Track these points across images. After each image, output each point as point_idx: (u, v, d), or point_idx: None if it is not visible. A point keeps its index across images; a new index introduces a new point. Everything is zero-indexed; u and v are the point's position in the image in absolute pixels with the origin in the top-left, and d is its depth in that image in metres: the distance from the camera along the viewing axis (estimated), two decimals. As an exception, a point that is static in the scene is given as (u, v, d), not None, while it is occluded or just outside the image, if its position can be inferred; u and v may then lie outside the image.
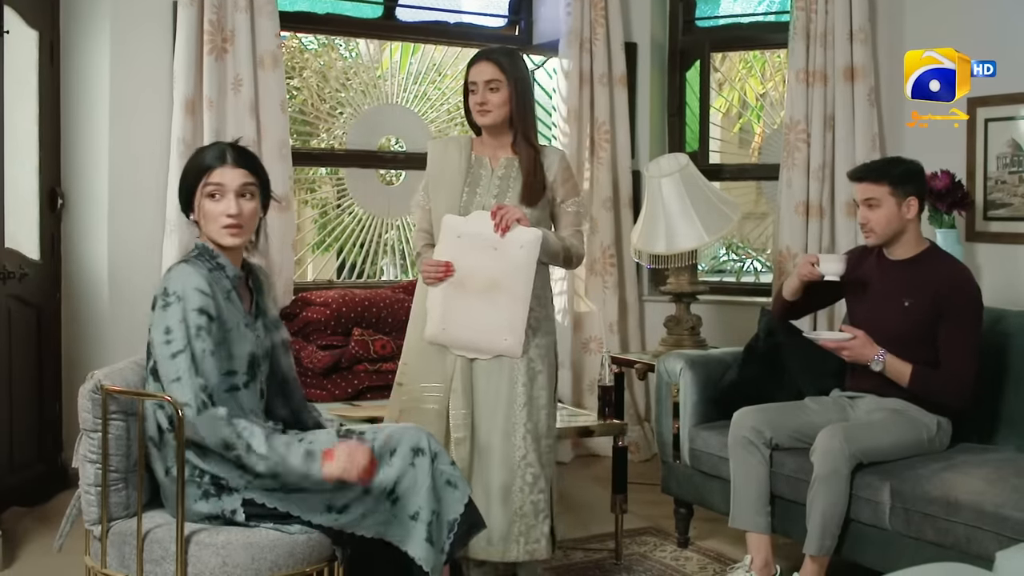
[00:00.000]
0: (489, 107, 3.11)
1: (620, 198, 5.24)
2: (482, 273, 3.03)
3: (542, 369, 3.12)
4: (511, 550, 3.04)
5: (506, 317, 3.03)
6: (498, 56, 3.15)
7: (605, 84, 5.18)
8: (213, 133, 4.38)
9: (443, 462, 2.53)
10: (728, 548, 3.77)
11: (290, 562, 2.41)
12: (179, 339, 2.36)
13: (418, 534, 2.45)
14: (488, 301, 3.03)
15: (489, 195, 3.14)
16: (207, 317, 2.39)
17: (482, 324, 3.04)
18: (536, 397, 3.10)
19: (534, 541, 3.06)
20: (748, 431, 3.31)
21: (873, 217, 3.33)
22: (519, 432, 3.06)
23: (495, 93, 3.10)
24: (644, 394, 5.29)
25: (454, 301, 3.06)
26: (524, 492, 3.05)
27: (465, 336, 3.08)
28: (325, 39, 5.80)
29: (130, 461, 2.49)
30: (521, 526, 3.04)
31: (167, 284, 2.43)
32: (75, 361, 4.40)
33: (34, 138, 4.29)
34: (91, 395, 2.44)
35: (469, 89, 3.16)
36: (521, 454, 3.05)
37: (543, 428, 3.11)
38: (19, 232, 4.15)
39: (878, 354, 3.27)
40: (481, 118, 3.14)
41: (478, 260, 3.02)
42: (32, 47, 4.29)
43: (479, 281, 3.03)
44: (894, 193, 3.30)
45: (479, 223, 3.04)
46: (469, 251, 3.04)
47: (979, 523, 2.81)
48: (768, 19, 5.58)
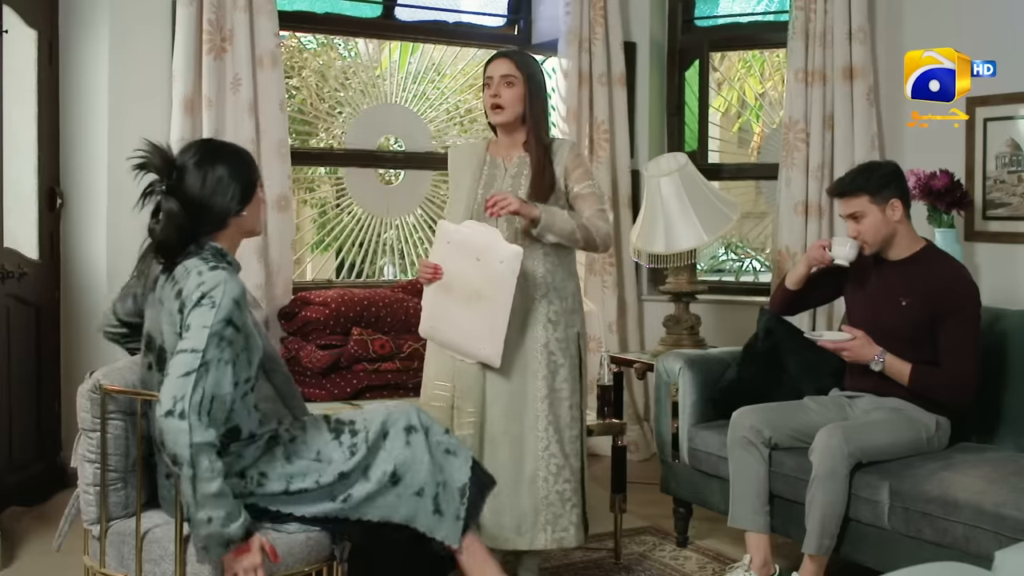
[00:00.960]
0: (503, 103, 3.15)
1: (619, 198, 5.24)
2: (466, 281, 3.06)
3: (563, 362, 3.15)
4: (539, 538, 3.09)
5: (486, 326, 3.04)
6: (515, 54, 3.24)
7: (604, 84, 5.18)
8: (212, 133, 4.38)
9: (436, 434, 2.55)
10: (727, 547, 3.77)
11: (288, 561, 2.41)
12: (197, 342, 2.29)
13: (424, 508, 2.47)
14: (470, 308, 3.05)
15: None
16: (233, 329, 2.34)
17: (464, 329, 3.08)
18: (558, 390, 3.14)
19: (562, 530, 3.11)
20: (747, 430, 3.31)
21: (861, 228, 3.34)
22: (541, 424, 3.10)
23: (510, 88, 3.15)
24: (643, 394, 5.29)
25: (442, 303, 3.12)
26: (549, 482, 3.09)
27: (450, 338, 3.13)
28: (324, 38, 5.80)
29: (129, 461, 2.48)
30: (548, 515, 3.09)
31: (206, 287, 2.34)
32: (74, 360, 4.40)
33: (33, 137, 4.29)
34: (90, 395, 2.44)
35: (485, 83, 3.21)
36: (544, 445, 3.09)
37: (566, 420, 3.14)
38: (18, 231, 4.15)
39: (878, 354, 3.28)
40: (495, 115, 3.18)
41: (463, 268, 3.06)
42: (31, 46, 4.28)
43: (463, 288, 3.07)
44: (874, 201, 3.31)
45: (467, 232, 3.07)
46: (456, 258, 3.07)
47: (978, 522, 2.81)
48: (767, 19, 5.58)
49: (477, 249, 3.03)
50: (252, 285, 4.44)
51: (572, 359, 3.18)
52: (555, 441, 3.10)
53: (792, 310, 3.70)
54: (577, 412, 3.19)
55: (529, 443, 3.10)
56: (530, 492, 3.09)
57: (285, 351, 4.43)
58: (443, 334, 3.15)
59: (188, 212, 2.44)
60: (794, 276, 3.56)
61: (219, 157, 2.50)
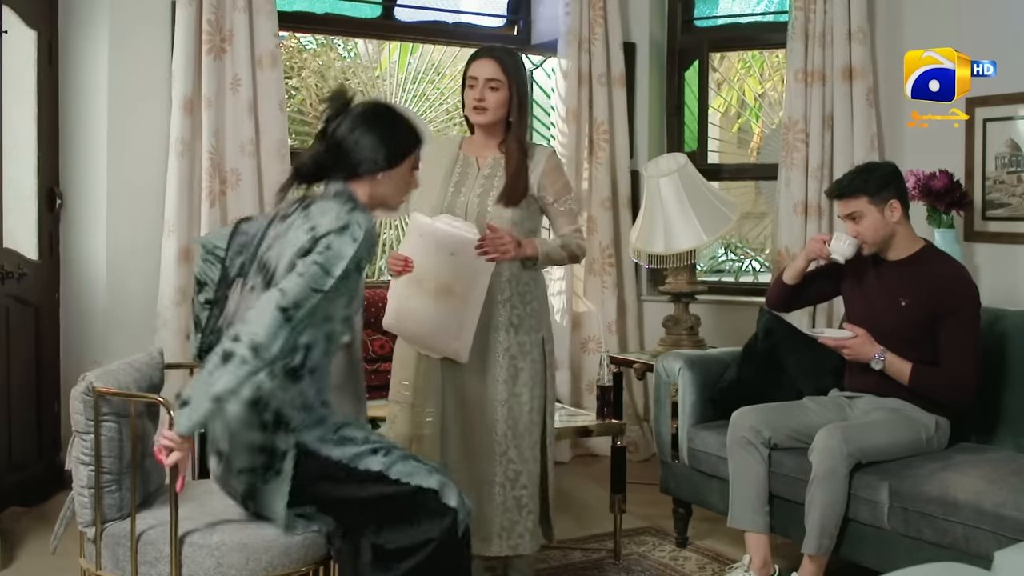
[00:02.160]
0: (486, 105, 3.08)
1: (619, 198, 5.23)
2: (437, 275, 2.97)
3: (524, 366, 3.09)
4: (493, 545, 3.03)
5: (455, 321, 2.98)
6: (502, 55, 3.12)
7: (604, 84, 5.17)
8: (212, 133, 4.38)
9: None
10: (727, 548, 3.77)
11: (285, 562, 2.41)
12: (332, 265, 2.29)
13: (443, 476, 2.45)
14: (440, 303, 2.98)
15: (473, 194, 3.12)
16: (358, 271, 2.38)
17: (433, 324, 3.00)
18: (518, 394, 3.08)
19: (517, 536, 3.04)
20: (747, 431, 3.31)
21: (860, 229, 3.34)
22: (499, 428, 3.05)
23: (495, 93, 3.07)
24: (643, 394, 5.28)
25: (410, 297, 3.03)
26: (506, 488, 3.03)
27: (416, 331, 3.06)
28: (324, 39, 5.81)
29: (123, 463, 2.48)
30: (505, 521, 3.03)
31: (349, 221, 2.35)
32: (73, 361, 4.40)
33: (32, 138, 4.29)
34: (83, 397, 2.43)
35: (468, 84, 3.13)
36: (501, 450, 3.04)
37: (525, 424, 3.08)
38: (17, 232, 4.15)
39: (878, 353, 3.27)
40: (477, 116, 3.11)
41: (435, 262, 2.97)
42: (30, 47, 4.28)
43: (434, 282, 2.98)
44: (873, 202, 3.31)
45: (442, 227, 2.98)
46: (429, 251, 2.98)
47: (977, 523, 2.81)
48: (767, 19, 5.58)
49: (452, 244, 2.94)
50: (251, 285, 4.45)
51: (535, 363, 3.12)
52: (513, 446, 3.05)
53: (788, 306, 3.69)
54: (538, 417, 3.12)
55: (485, 447, 3.05)
56: (487, 497, 3.02)
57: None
58: (408, 327, 3.07)
59: (332, 151, 2.48)
60: (792, 270, 3.56)
61: (383, 118, 2.54)
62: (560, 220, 3.17)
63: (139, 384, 2.54)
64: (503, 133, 3.13)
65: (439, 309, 2.98)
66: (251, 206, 4.45)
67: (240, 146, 4.45)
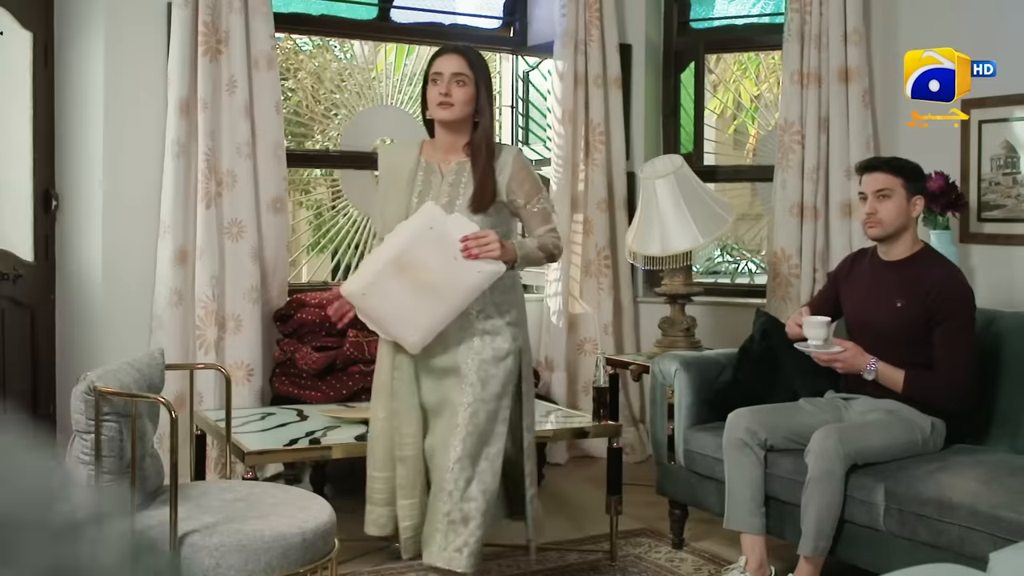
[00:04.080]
0: (452, 100, 2.92)
1: (615, 200, 5.24)
2: (427, 270, 2.85)
3: (496, 374, 2.94)
4: (432, 553, 2.87)
5: (425, 317, 2.85)
6: (467, 51, 3.00)
7: (600, 86, 5.18)
8: (208, 134, 4.38)
9: None
10: (723, 549, 3.77)
11: (283, 563, 2.41)
12: None
13: None
14: (417, 295, 2.84)
15: (439, 203, 2.94)
16: None
17: (401, 311, 2.86)
18: (486, 400, 2.91)
19: (455, 550, 2.85)
20: (743, 432, 3.31)
21: (883, 208, 3.32)
22: (458, 435, 2.88)
23: (462, 88, 2.92)
24: (639, 395, 5.29)
25: (389, 278, 2.87)
26: (454, 497, 2.85)
27: (378, 311, 2.90)
28: (320, 40, 5.80)
29: (123, 462, 2.48)
30: (450, 534, 2.85)
31: None
32: (69, 363, 4.39)
33: (28, 139, 4.29)
34: (84, 396, 2.43)
35: (431, 80, 2.96)
36: (455, 456, 2.86)
37: (487, 435, 2.91)
38: (13, 233, 4.15)
39: (870, 363, 3.28)
40: (442, 111, 2.93)
41: (432, 259, 2.85)
42: (26, 48, 4.28)
43: (421, 276, 2.85)
44: (907, 187, 3.32)
45: (454, 227, 2.86)
46: (430, 245, 2.85)
47: (973, 524, 2.81)
48: (762, 21, 5.59)
49: (458, 248, 2.82)
50: (247, 287, 4.44)
51: (508, 373, 2.96)
52: (467, 455, 2.86)
53: None
54: (503, 428, 2.94)
55: (439, 454, 2.90)
56: (436, 503, 2.88)
57: (280, 353, 4.43)
58: (371, 304, 2.89)
59: None
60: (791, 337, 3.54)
61: None
62: (534, 222, 3.02)
63: (139, 384, 2.55)
64: (468, 133, 2.99)
65: (414, 300, 2.85)
66: (247, 208, 4.45)
67: (236, 148, 4.44)
